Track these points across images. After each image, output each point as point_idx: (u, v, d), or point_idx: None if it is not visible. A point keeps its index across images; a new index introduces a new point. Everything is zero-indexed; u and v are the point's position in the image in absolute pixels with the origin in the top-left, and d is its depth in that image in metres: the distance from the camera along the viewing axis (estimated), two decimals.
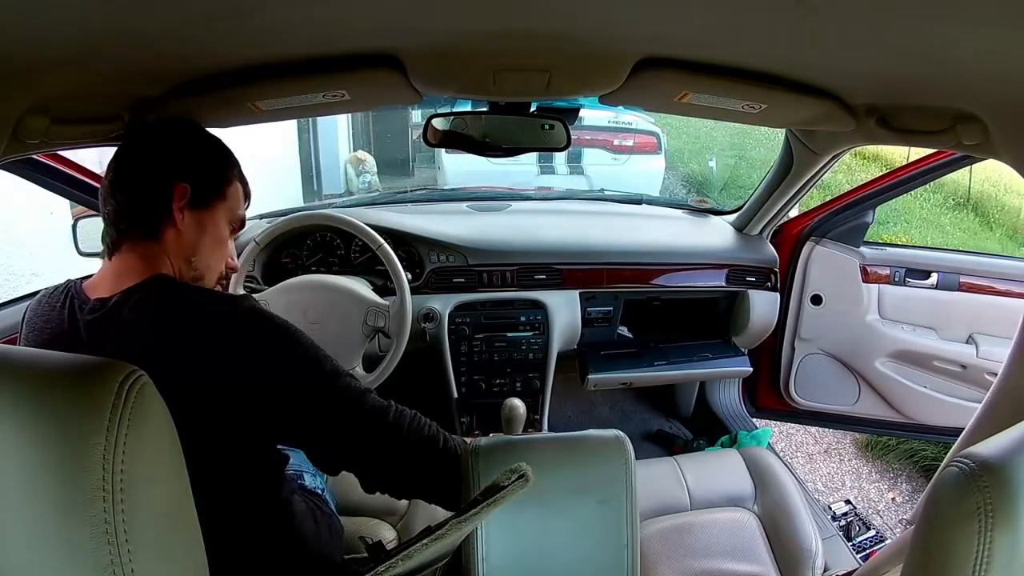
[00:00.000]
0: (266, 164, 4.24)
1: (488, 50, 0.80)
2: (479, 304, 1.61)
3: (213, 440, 0.70)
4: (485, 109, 1.10)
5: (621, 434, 0.80)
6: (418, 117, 5.31)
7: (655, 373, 1.75)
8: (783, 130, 1.47)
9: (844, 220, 1.70)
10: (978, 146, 0.83)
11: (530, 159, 4.30)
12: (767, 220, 1.73)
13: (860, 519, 1.86)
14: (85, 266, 1.11)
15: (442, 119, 1.14)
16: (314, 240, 1.62)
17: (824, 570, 1.15)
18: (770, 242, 1.79)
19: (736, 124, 1.51)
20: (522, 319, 1.62)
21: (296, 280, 1.37)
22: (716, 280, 1.73)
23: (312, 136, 5.29)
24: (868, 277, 1.72)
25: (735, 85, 0.86)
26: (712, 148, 7.61)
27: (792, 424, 2.39)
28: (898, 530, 1.97)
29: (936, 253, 1.74)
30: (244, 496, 0.77)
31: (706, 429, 2.09)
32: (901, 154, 5.22)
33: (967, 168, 4.37)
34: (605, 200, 2.02)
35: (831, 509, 1.86)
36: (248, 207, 0.89)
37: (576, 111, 1.19)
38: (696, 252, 1.73)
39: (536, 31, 0.70)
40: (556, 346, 1.63)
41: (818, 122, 1.00)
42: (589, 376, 1.70)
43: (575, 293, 1.66)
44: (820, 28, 0.60)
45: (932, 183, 3.65)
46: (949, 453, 0.75)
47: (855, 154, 6.75)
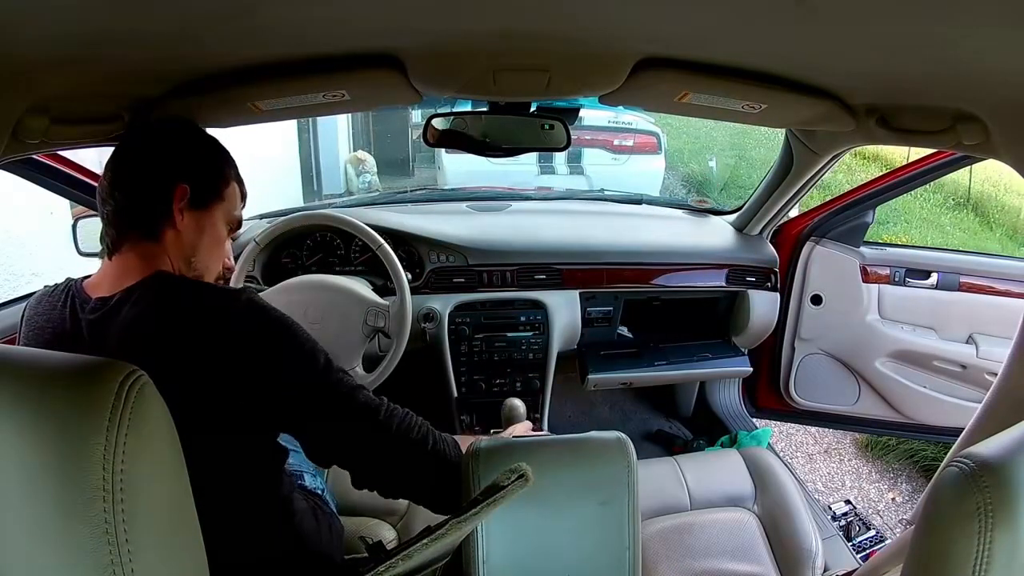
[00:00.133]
0: (266, 164, 4.24)
1: (488, 50, 0.80)
2: (479, 304, 1.61)
3: (213, 433, 0.71)
4: (485, 109, 1.10)
5: (623, 436, 0.80)
6: (418, 117, 5.30)
7: (655, 373, 1.74)
8: (783, 130, 1.47)
9: (844, 220, 1.70)
10: (978, 146, 0.83)
11: (530, 159, 4.29)
12: (767, 220, 1.73)
13: (860, 519, 1.85)
14: (85, 266, 1.11)
15: (442, 119, 1.14)
16: (314, 240, 1.62)
17: (824, 570, 1.15)
18: (770, 242, 1.79)
19: (736, 124, 1.51)
20: (522, 319, 1.62)
21: (296, 280, 1.37)
22: (716, 280, 1.73)
23: (312, 136, 5.29)
24: (868, 277, 1.72)
25: (735, 85, 0.86)
26: (712, 148, 7.61)
27: (792, 424, 2.39)
28: (898, 530, 1.97)
29: (936, 253, 1.74)
30: (244, 492, 0.78)
31: (706, 429, 2.08)
32: (901, 154, 5.21)
33: (967, 168, 4.37)
34: (605, 200, 2.02)
35: (831, 509, 1.86)
36: (244, 207, 0.89)
37: (576, 111, 1.19)
38: (696, 252, 1.73)
39: (536, 31, 0.70)
40: (556, 346, 1.63)
41: (818, 122, 1.00)
42: (589, 376, 1.70)
43: (575, 293, 1.66)
44: (820, 28, 0.60)
45: (932, 183, 3.65)
46: (949, 453, 0.75)
47: (855, 154, 6.74)
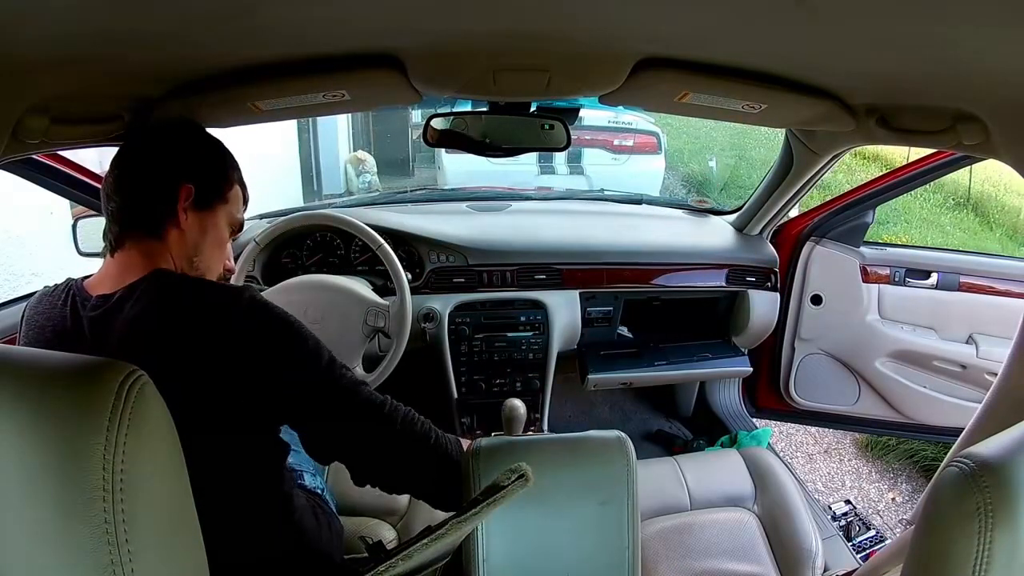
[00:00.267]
0: (266, 164, 4.24)
1: (488, 50, 0.80)
2: (479, 304, 1.61)
3: (215, 431, 0.71)
4: (485, 109, 1.10)
5: (623, 435, 0.80)
6: (418, 117, 5.30)
7: (655, 373, 1.74)
8: (783, 130, 1.47)
9: (844, 220, 1.70)
10: (978, 146, 0.83)
11: (530, 159, 4.29)
12: (767, 220, 1.73)
13: (860, 519, 1.85)
14: (85, 266, 1.11)
15: (442, 119, 1.14)
16: (314, 240, 1.62)
17: (824, 570, 1.15)
18: (770, 242, 1.79)
19: (736, 124, 1.51)
20: (522, 319, 1.62)
21: (296, 280, 1.37)
22: (716, 280, 1.73)
23: (312, 136, 5.29)
24: (868, 277, 1.72)
25: (735, 85, 0.86)
26: (712, 148, 7.61)
27: (792, 424, 2.39)
28: (898, 530, 1.97)
29: (936, 253, 1.74)
30: (245, 491, 0.78)
31: (706, 429, 2.08)
32: (901, 154, 5.21)
33: (967, 168, 4.37)
34: (605, 200, 2.02)
35: (831, 509, 1.86)
36: (246, 210, 0.90)
37: (576, 111, 1.19)
38: (696, 252, 1.73)
39: (536, 31, 0.70)
40: (556, 346, 1.63)
41: (818, 122, 1.00)
42: (589, 376, 1.70)
43: (575, 293, 1.66)
44: (820, 28, 0.60)
45: (932, 183, 3.65)
46: (949, 453, 0.75)
47: (855, 154, 6.74)
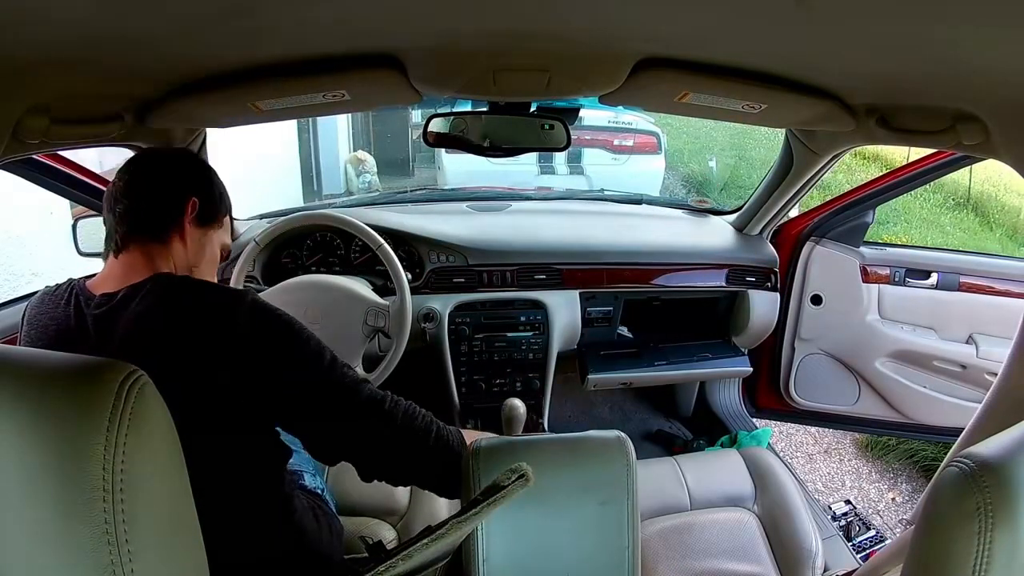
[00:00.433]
0: (266, 164, 4.25)
1: (488, 50, 0.80)
2: (479, 304, 1.61)
3: (215, 429, 0.72)
4: (485, 109, 1.10)
5: (623, 435, 0.80)
6: (418, 117, 5.31)
7: (655, 373, 1.74)
8: (783, 130, 1.47)
9: (844, 220, 1.70)
10: (978, 146, 0.83)
11: (530, 159, 4.29)
12: (767, 220, 1.73)
13: (860, 519, 1.85)
14: (85, 266, 1.11)
15: (442, 119, 1.14)
16: (314, 240, 1.62)
17: (824, 570, 1.15)
18: (770, 242, 1.79)
19: (736, 124, 1.51)
20: (522, 319, 1.62)
21: (296, 280, 1.37)
22: (716, 280, 1.73)
23: (312, 136, 5.29)
24: (868, 277, 1.72)
25: (735, 85, 0.86)
26: (712, 148, 7.60)
27: (792, 424, 2.39)
28: (898, 530, 1.97)
29: (936, 253, 1.74)
30: (245, 490, 0.78)
31: (706, 429, 2.08)
32: (901, 154, 5.21)
33: (967, 168, 4.37)
34: (605, 200, 2.02)
35: (831, 509, 1.86)
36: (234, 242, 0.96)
37: (576, 111, 1.19)
38: (696, 252, 1.73)
39: (536, 31, 0.70)
40: (556, 346, 1.63)
41: (818, 122, 1.00)
42: (589, 376, 1.70)
43: (575, 293, 1.66)
44: (820, 28, 0.60)
45: (932, 183, 3.65)
46: (949, 453, 0.75)
47: (855, 154, 6.74)
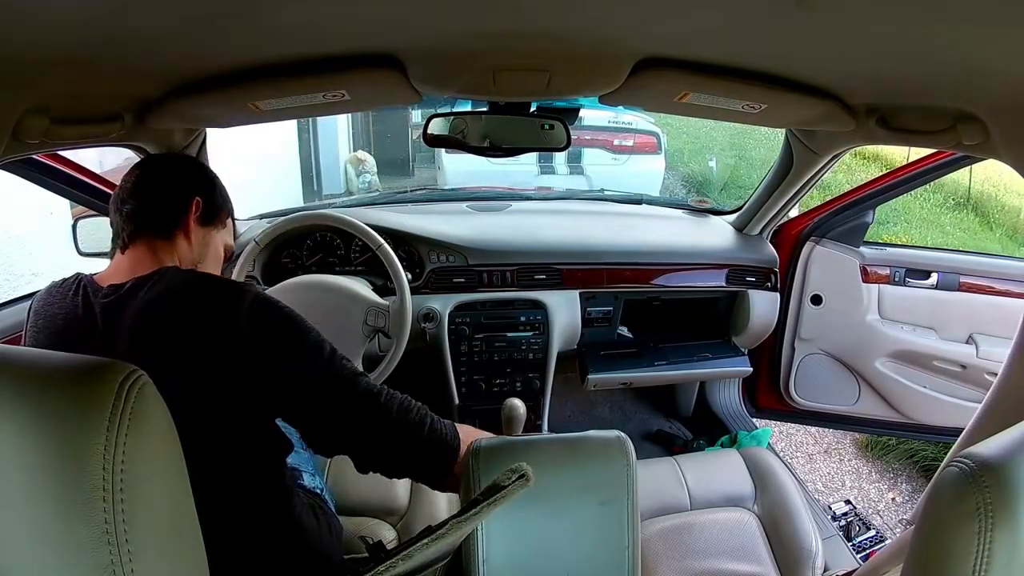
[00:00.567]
0: (266, 164, 4.25)
1: (488, 50, 0.80)
2: (479, 304, 1.61)
3: (217, 419, 0.74)
4: (485, 109, 1.10)
5: (623, 435, 0.80)
6: (418, 117, 5.30)
7: (655, 373, 1.74)
8: (783, 130, 1.47)
9: (844, 220, 1.70)
10: (978, 146, 0.83)
11: (530, 159, 4.29)
12: (767, 220, 1.73)
13: (860, 519, 1.85)
14: (85, 266, 1.10)
15: (442, 119, 1.14)
16: (314, 240, 1.62)
17: (824, 570, 1.15)
18: (770, 242, 1.79)
19: (736, 124, 1.51)
20: (522, 319, 1.62)
21: (296, 280, 1.37)
22: (716, 280, 1.73)
23: (312, 136, 5.29)
24: (868, 277, 1.72)
25: (735, 85, 0.86)
26: (712, 148, 7.61)
27: (792, 424, 2.39)
28: (898, 530, 1.97)
29: (936, 253, 1.74)
30: (246, 484, 0.79)
31: (706, 429, 2.08)
32: (901, 154, 5.21)
33: (967, 168, 4.37)
34: (605, 200, 2.02)
35: (831, 509, 1.86)
36: (235, 241, 0.99)
37: (576, 111, 1.19)
38: (696, 252, 1.73)
39: (536, 31, 0.70)
40: (556, 346, 1.63)
41: (818, 122, 1.00)
42: (589, 376, 1.70)
43: (575, 293, 1.66)
44: (820, 28, 0.60)
45: (932, 183, 3.65)
46: (949, 453, 0.75)
47: (855, 154, 6.74)
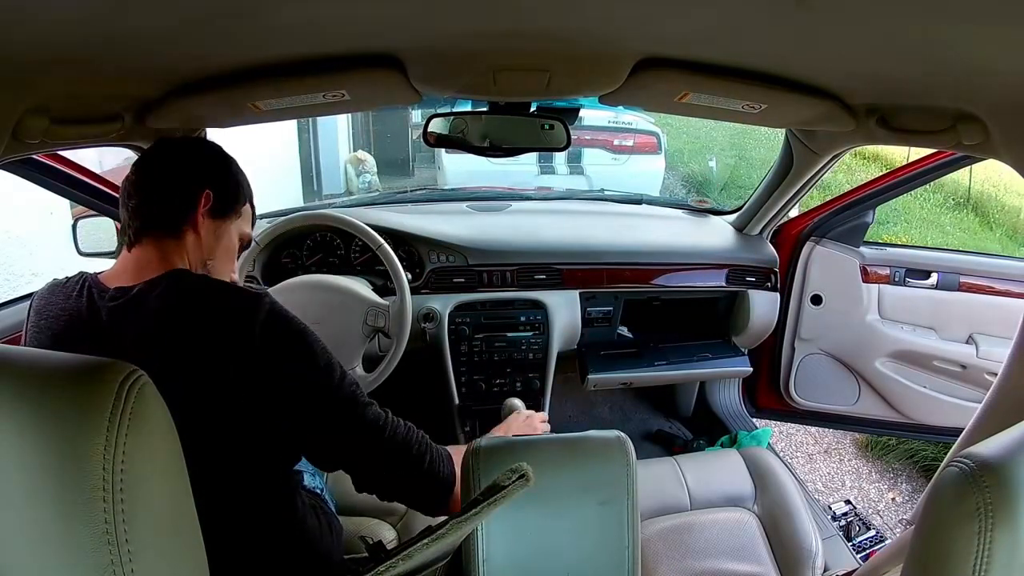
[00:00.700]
0: (266, 164, 4.24)
1: (488, 50, 0.80)
2: (479, 304, 1.61)
3: (225, 429, 0.72)
4: (485, 109, 1.10)
5: (623, 435, 0.80)
6: (418, 117, 5.31)
7: (655, 373, 1.74)
8: (783, 130, 1.47)
9: (844, 220, 1.70)
10: (978, 146, 0.83)
11: (530, 159, 4.29)
12: (767, 220, 1.73)
13: (860, 519, 1.85)
14: (85, 266, 1.10)
15: (442, 119, 1.14)
16: (314, 240, 1.62)
17: (824, 570, 1.15)
18: (770, 242, 1.79)
19: (736, 124, 1.51)
20: (522, 319, 1.62)
21: (296, 280, 1.37)
22: (716, 280, 1.73)
23: (312, 136, 5.29)
24: (868, 277, 1.72)
25: (735, 85, 0.86)
26: (712, 148, 7.61)
27: (792, 424, 2.39)
28: (898, 530, 1.97)
29: (936, 253, 1.74)
30: (250, 486, 0.78)
31: (706, 429, 2.08)
32: (901, 154, 5.21)
33: (967, 168, 4.37)
34: (605, 200, 2.02)
35: (831, 509, 1.86)
36: (254, 228, 0.94)
37: (576, 111, 1.19)
38: (696, 252, 1.73)
39: (536, 31, 0.70)
40: (556, 346, 1.63)
41: (818, 122, 1.00)
42: (589, 376, 1.70)
43: (575, 293, 1.66)
44: (820, 28, 0.60)
45: (932, 183, 3.65)
46: (949, 453, 0.75)
47: (855, 154, 6.74)
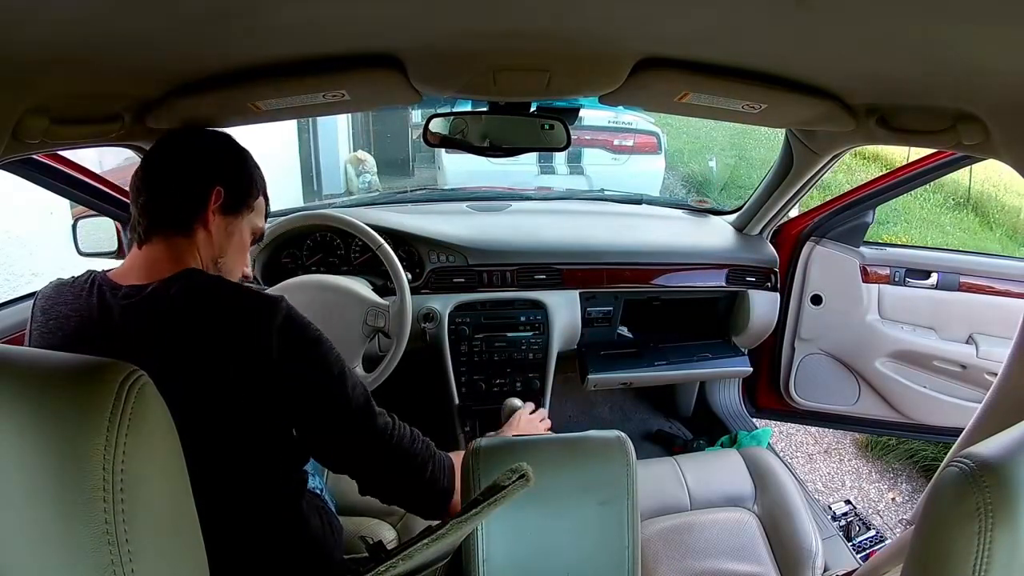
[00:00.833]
0: (266, 164, 4.23)
1: (488, 50, 0.80)
2: (479, 304, 1.60)
3: (224, 431, 0.72)
4: (485, 109, 1.10)
5: (623, 435, 0.80)
6: (418, 117, 5.30)
7: (655, 373, 1.74)
8: (783, 130, 1.47)
9: (844, 220, 1.70)
10: (978, 146, 0.83)
11: (530, 159, 4.29)
12: (767, 220, 1.73)
13: (860, 519, 1.85)
14: (85, 266, 1.10)
15: (442, 119, 1.14)
16: (314, 240, 1.62)
17: (824, 570, 1.15)
18: (770, 242, 1.79)
19: (736, 124, 1.51)
20: (522, 319, 1.62)
21: (296, 280, 1.37)
22: (716, 280, 1.73)
23: (312, 136, 5.29)
24: (868, 277, 1.72)
25: (735, 85, 0.86)
26: (712, 148, 7.61)
27: (792, 424, 2.39)
28: (898, 530, 1.97)
29: (936, 253, 1.74)
30: (255, 487, 0.78)
31: (706, 429, 2.08)
32: (901, 154, 5.21)
33: (967, 168, 4.37)
34: (605, 200, 2.02)
35: (831, 509, 1.86)
36: (267, 221, 0.94)
37: (576, 111, 1.19)
38: (696, 252, 1.73)
39: (536, 31, 0.70)
40: (556, 346, 1.63)
41: (818, 122, 1.00)
42: (589, 376, 1.70)
43: (575, 293, 1.66)
44: (820, 28, 0.60)
45: (932, 183, 3.65)
46: (949, 453, 0.75)
47: (855, 154, 6.74)
